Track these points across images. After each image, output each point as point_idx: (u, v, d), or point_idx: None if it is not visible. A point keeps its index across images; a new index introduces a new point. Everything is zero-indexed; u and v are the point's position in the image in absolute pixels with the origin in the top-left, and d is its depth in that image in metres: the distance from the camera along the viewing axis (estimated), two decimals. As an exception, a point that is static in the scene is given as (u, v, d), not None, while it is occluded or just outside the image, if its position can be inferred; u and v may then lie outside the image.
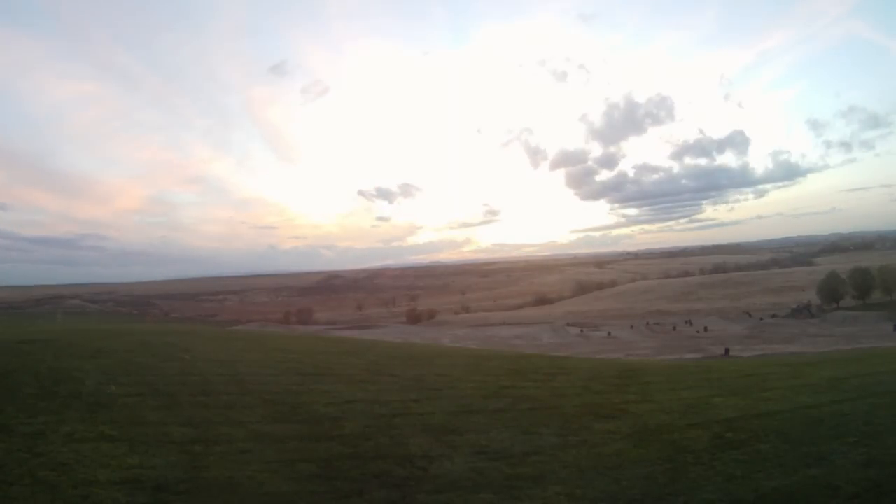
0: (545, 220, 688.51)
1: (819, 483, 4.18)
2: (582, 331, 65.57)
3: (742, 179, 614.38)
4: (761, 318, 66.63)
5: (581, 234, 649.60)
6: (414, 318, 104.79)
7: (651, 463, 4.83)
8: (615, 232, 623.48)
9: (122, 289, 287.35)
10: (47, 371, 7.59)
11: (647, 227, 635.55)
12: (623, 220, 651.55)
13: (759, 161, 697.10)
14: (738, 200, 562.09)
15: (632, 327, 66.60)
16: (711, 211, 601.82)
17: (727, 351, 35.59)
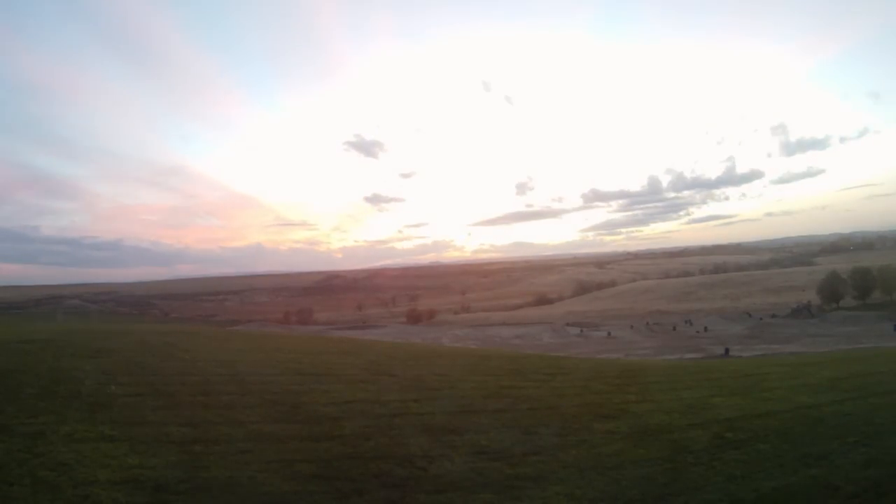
0: (545, 220, 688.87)
1: (819, 483, 4.18)
2: (582, 331, 65.46)
3: (743, 179, 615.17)
4: (761, 318, 66.46)
5: (581, 235, 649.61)
6: (414, 318, 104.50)
7: (651, 463, 4.83)
8: (616, 231, 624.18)
9: (122, 289, 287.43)
10: (47, 371, 7.58)
11: (646, 226, 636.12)
12: (623, 219, 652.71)
13: (760, 161, 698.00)
14: (737, 199, 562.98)
15: (632, 327, 66.47)
16: (711, 210, 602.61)
17: (727, 351, 35.54)
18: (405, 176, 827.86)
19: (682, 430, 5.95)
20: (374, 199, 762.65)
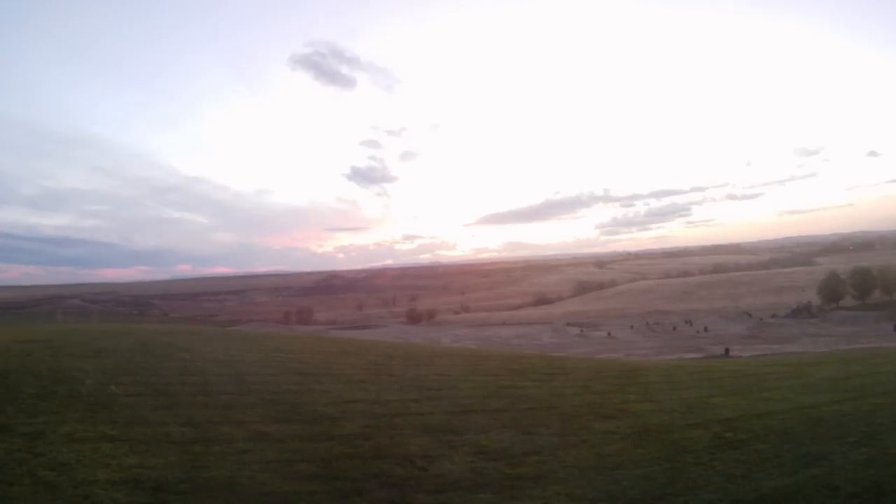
0: (545, 220, 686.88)
1: (819, 483, 4.18)
2: (582, 331, 65.52)
3: (743, 178, 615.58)
4: (761, 318, 66.55)
5: (581, 235, 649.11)
6: (414, 318, 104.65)
7: (651, 463, 4.83)
8: (616, 231, 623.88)
9: (122, 289, 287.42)
10: (47, 371, 7.57)
11: (646, 226, 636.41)
12: (624, 218, 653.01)
13: (760, 160, 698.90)
14: (737, 199, 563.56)
15: (632, 327, 66.55)
16: (711, 211, 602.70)
17: (727, 351, 35.56)
18: (392, 133, 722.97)
19: (682, 430, 5.95)
20: (357, 177, 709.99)
